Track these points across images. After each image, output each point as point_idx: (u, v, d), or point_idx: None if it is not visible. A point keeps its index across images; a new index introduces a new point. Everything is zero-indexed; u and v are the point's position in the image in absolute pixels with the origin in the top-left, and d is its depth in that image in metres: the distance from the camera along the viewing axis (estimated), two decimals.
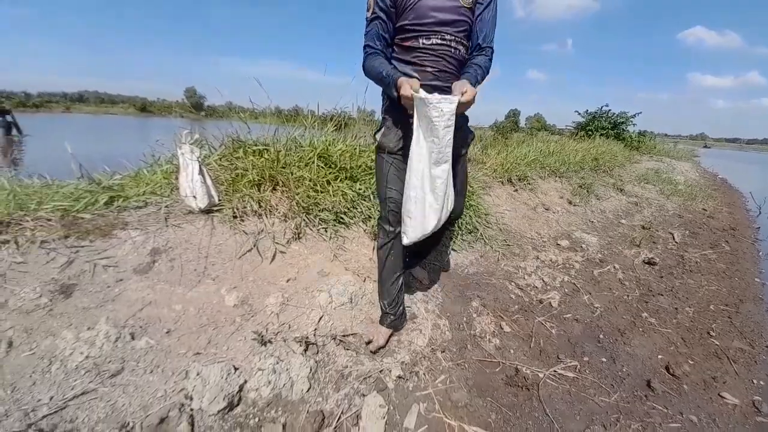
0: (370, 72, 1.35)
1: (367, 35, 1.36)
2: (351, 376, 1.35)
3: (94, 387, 1.12)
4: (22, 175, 2.20)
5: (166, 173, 2.37)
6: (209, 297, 1.55)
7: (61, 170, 2.30)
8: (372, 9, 1.32)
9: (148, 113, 62.83)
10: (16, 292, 1.36)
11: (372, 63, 1.33)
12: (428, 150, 1.23)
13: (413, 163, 1.27)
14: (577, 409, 1.48)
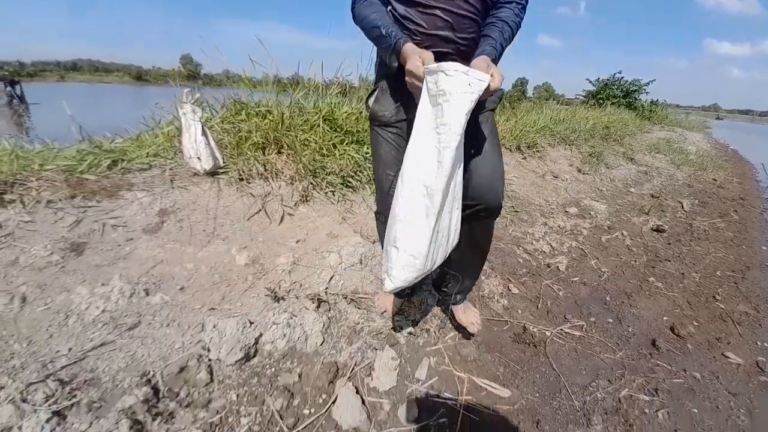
0: (362, 22, 1.01)
1: None
2: (363, 331, 1.38)
3: (112, 339, 1.14)
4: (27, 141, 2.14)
5: (168, 136, 2.30)
6: (220, 256, 1.55)
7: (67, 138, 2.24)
8: None
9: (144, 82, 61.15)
10: (26, 249, 1.36)
11: (364, 11, 0.99)
12: (437, 146, 0.84)
13: (409, 167, 0.88)
14: (583, 364, 1.51)
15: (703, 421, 1.35)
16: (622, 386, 1.43)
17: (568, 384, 1.39)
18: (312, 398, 1.13)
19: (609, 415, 1.30)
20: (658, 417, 1.33)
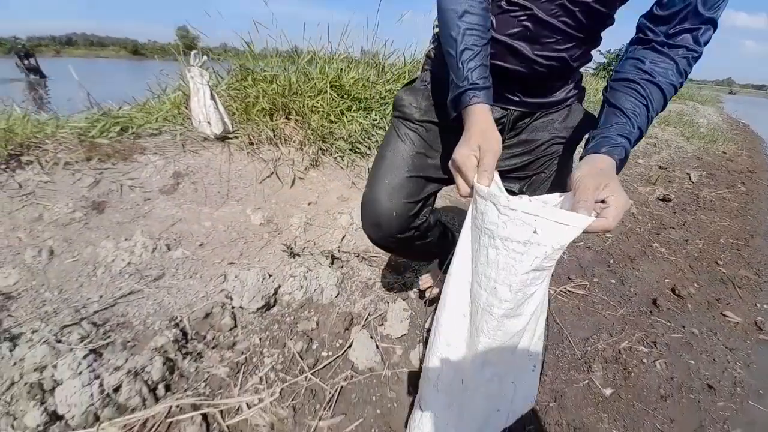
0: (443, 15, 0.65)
1: None
2: (375, 286, 1.43)
3: (139, 288, 1.20)
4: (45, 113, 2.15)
5: (175, 103, 2.30)
6: (236, 216, 1.60)
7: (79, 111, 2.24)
8: None
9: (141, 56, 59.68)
10: (49, 207, 1.41)
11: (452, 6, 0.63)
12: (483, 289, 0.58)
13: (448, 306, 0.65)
14: (585, 320, 1.58)
15: (699, 371, 1.42)
16: (622, 339, 1.50)
17: (570, 336, 1.46)
18: (329, 343, 1.20)
19: (609, 363, 1.38)
20: (656, 366, 1.40)
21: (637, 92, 0.59)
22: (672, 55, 0.59)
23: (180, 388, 1.00)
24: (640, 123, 0.59)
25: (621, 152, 0.58)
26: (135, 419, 0.91)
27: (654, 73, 0.59)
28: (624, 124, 0.59)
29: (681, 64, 0.59)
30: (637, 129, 0.59)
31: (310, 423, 0.99)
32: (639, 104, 0.59)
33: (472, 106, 0.63)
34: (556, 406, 1.18)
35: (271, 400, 1.01)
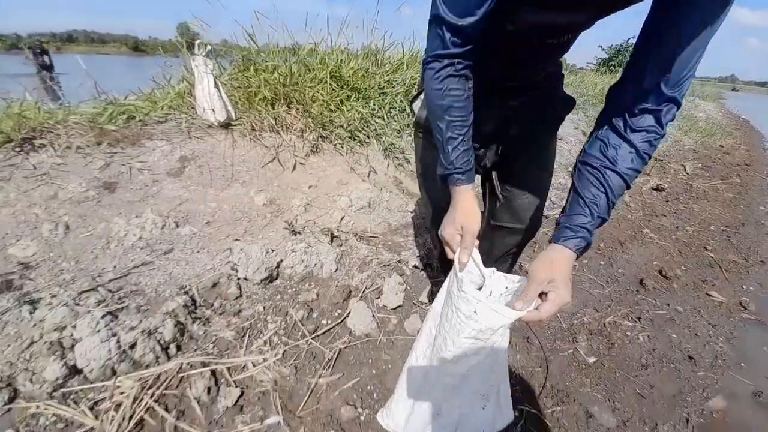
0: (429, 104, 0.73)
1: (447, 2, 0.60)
2: (372, 263, 1.51)
3: (150, 260, 1.28)
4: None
5: (179, 93, 2.37)
6: (240, 197, 1.67)
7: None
8: None
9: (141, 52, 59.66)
10: (63, 186, 1.48)
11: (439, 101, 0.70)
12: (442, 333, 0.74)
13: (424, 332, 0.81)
14: (574, 297, 1.65)
15: (681, 344, 1.49)
16: (607, 314, 1.57)
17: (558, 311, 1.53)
18: (329, 312, 1.28)
19: (593, 335, 1.45)
20: (639, 338, 1.48)
21: (599, 180, 0.63)
22: (633, 141, 0.61)
23: (190, 348, 1.08)
24: (600, 212, 0.64)
25: (579, 243, 0.64)
26: (149, 374, 0.99)
27: (615, 160, 0.62)
28: (585, 215, 0.64)
29: (642, 149, 0.61)
30: (597, 218, 0.64)
31: (310, 380, 1.07)
32: (599, 193, 0.63)
33: (457, 187, 0.74)
34: (542, 371, 1.26)
35: (275, 360, 1.09)
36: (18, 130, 1.64)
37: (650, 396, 1.24)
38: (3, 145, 1.60)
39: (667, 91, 0.57)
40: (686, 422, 1.17)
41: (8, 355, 0.99)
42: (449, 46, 0.62)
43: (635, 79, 0.60)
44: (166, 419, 0.92)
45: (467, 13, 0.58)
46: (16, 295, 1.11)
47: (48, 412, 0.91)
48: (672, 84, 0.56)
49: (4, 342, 1.02)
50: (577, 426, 1.10)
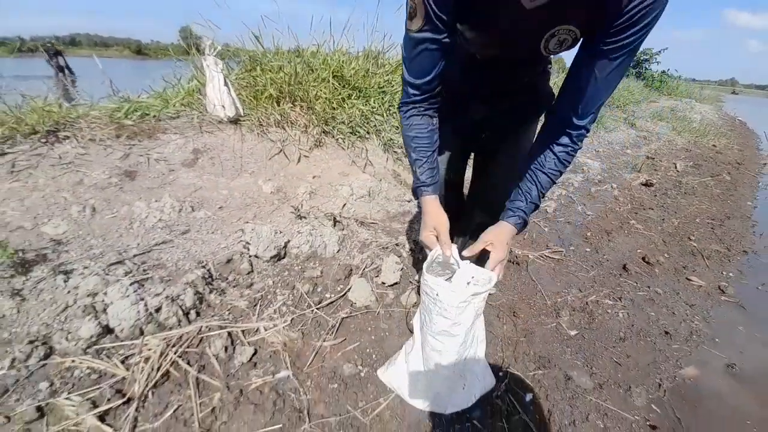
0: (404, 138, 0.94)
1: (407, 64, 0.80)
2: (372, 245, 1.63)
3: (170, 239, 1.41)
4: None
5: (190, 91, 2.50)
6: (249, 186, 1.80)
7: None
8: (422, 14, 0.69)
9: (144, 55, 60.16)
10: (88, 174, 1.61)
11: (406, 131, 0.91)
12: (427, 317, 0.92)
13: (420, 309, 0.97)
14: (559, 279, 1.77)
15: (659, 320, 1.61)
16: (590, 294, 1.69)
17: (544, 290, 1.65)
18: (332, 287, 1.40)
19: (576, 311, 1.57)
20: (618, 315, 1.59)
21: (532, 177, 0.87)
22: (556, 152, 0.83)
23: (208, 314, 1.20)
24: (532, 199, 0.88)
25: (516, 220, 0.88)
26: (173, 334, 1.11)
27: (543, 164, 0.85)
28: (521, 201, 0.88)
29: (561, 157, 0.84)
30: (530, 203, 0.88)
31: (315, 343, 1.19)
32: (532, 186, 0.87)
33: (425, 197, 0.93)
34: (526, 341, 1.37)
35: (284, 325, 1.21)
36: (43, 123, 1.77)
37: (626, 364, 1.35)
38: (29, 136, 1.73)
39: (577, 121, 0.78)
40: (658, 387, 1.28)
41: (44, 318, 1.12)
42: (411, 97, 0.84)
43: (559, 110, 0.81)
44: (189, 372, 1.04)
45: (422, 76, 0.79)
46: (51, 266, 1.24)
47: (83, 365, 1.03)
48: (580, 116, 0.77)
49: (40, 306, 1.14)
50: (557, 387, 1.21)
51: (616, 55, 0.66)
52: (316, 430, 0.96)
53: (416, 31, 0.72)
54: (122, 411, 0.94)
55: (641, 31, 0.63)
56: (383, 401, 1.05)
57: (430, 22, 0.69)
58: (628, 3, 0.60)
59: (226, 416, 0.96)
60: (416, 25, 0.71)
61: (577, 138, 0.81)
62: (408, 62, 0.79)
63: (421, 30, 0.71)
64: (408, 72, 0.81)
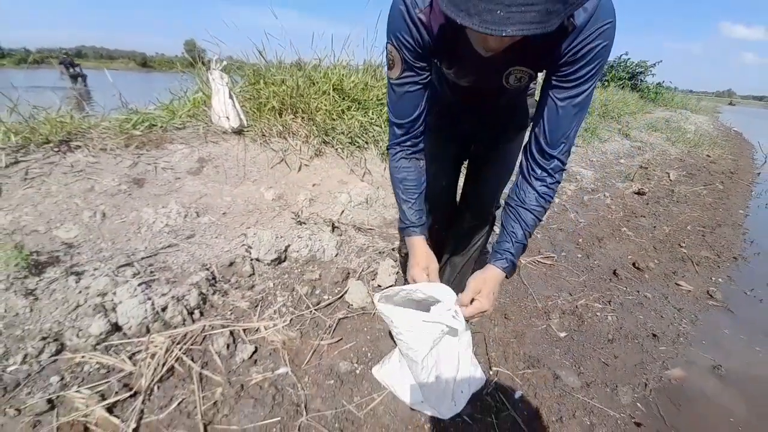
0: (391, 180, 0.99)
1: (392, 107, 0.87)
2: (369, 250, 1.70)
3: (176, 243, 1.48)
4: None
5: (196, 103, 2.61)
6: (251, 193, 1.88)
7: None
8: (400, 65, 0.78)
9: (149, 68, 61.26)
10: (98, 181, 1.69)
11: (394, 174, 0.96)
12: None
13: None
14: (550, 283, 1.83)
15: (647, 323, 1.66)
16: (580, 298, 1.74)
17: (534, 293, 1.71)
18: (330, 289, 1.46)
19: (566, 314, 1.62)
20: (607, 318, 1.64)
21: (515, 216, 0.88)
22: (535, 186, 0.85)
23: (211, 314, 1.26)
24: (518, 239, 0.87)
25: (504, 263, 0.87)
26: (177, 332, 1.17)
27: (524, 200, 0.86)
28: (507, 242, 0.87)
29: (541, 191, 0.85)
30: (517, 244, 0.87)
31: (313, 342, 1.24)
32: (516, 226, 0.87)
33: (413, 237, 0.96)
34: (516, 342, 1.42)
35: (283, 325, 1.26)
36: (55, 133, 1.86)
37: (614, 364, 1.40)
38: (42, 145, 1.82)
39: (548, 150, 0.80)
40: (645, 386, 1.33)
41: (56, 316, 1.18)
42: (398, 138, 0.89)
43: (532, 144, 0.84)
44: (193, 367, 1.09)
45: (406, 116, 0.85)
46: (63, 267, 1.30)
47: (92, 361, 1.09)
48: (553, 147, 0.80)
49: (52, 305, 1.20)
50: (545, 385, 1.26)
51: (572, 86, 0.73)
52: (313, 422, 1.01)
53: (396, 78, 0.80)
54: (129, 403, 0.99)
55: (590, 64, 0.69)
56: (377, 397, 1.10)
57: (408, 68, 0.78)
58: (570, 43, 0.66)
59: (228, 409, 1.02)
60: (396, 74, 0.79)
61: (552, 170, 0.83)
62: (392, 105, 0.86)
63: (401, 77, 0.79)
64: (393, 114, 0.87)
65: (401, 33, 0.74)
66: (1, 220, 1.45)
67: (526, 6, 0.48)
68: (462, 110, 1.11)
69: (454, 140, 1.21)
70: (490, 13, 0.49)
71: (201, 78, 2.64)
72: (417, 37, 0.73)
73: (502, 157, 1.20)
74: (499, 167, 1.22)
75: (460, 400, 1.08)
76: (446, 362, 1.02)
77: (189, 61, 2.86)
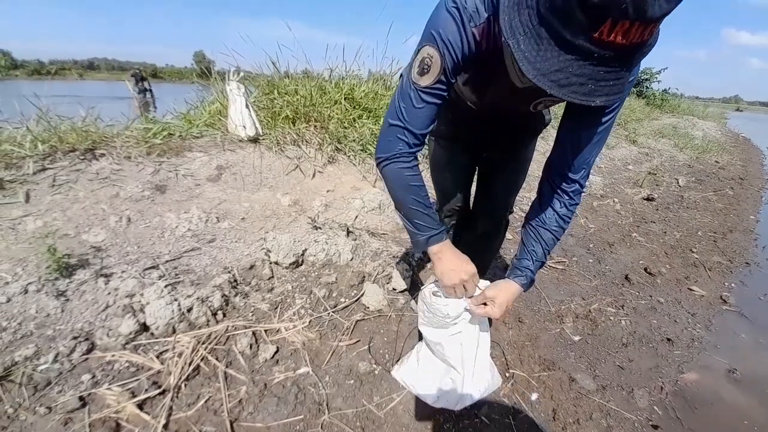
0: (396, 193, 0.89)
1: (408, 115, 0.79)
2: (383, 254, 1.73)
3: (198, 247, 1.53)
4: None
5: (213, 113, 2.69)
6: (268, 199, 1.93)
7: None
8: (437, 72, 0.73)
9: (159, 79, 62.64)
10: (123, 187, 1.76)
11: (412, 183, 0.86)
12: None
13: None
14: (562, 288, 1.84)
15: (660, 327, 1.66)
16: (593, 302, 1.75)
17: (547, 298, 1.72)
18: (346, 292, 1.50)
19: (579, 318, 1.63)
20: (621, 323, 1.65)
21: (535, 235, 0.90)
22: (555, 208, 0.87)
23: (233, 315, 1.30)
24: (538, 258, 0.91)
25: (523, 280, 0.91)
26: (202, 332, 1.21)
27: (545, 221, 0.89)
28: (528, 260, 0.91)
29: (561, 213, 0.87)
30: (537, 262, 0.91)
31: (332, 343, 1.27)
32: (536, 245, 0.90)
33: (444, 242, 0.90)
34: (531, 345, 1.44)
35: (303, 326, 1.30)
36: (81, 141, 1.94)
37: (629, 368, 1.41)
38: (68, 153, 1.90)
39: (571, 175, 0.84)
40: (660, 389, 1.34)
41: (87, 316, 1.23)
42: (412, 147, 0.84)
43: (554, 168, 0.86)
44: (218, 366, 1.13)
45: (425, 126, 0.82)
46: (92, 270, 1.35)
47: (122, 359, 1.13)
48: (574, 172, 0.83)
49: (83, 306, 1.25)
50: (561, 388, 1.27)
51: (598, 116, 0.76)
52: (335, 421, 1.03)
53: (427, 87, 0.75)
54: (158, 401, 1.03)
55: (618, 106, 0.74)
56: (396, 397, 1.13)
57: (444, 79, 0.74)
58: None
59: (252, 407, 1.05)
60: (428, 81, 0.74)
61: (573, 194, 0.86)
62: (409, 114, 0.79)
63: (433, 86, 0.75)
64: (409, 123, 0.80)
65: (450, 41, 0.70)
66: (32, 224, 1.52)
67: (614, 81, 0.52)
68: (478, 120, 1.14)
69: (469, 148, 1.25)
70: (581, 86, 0.52)
71: (217, 89, 2.73)
72: (466, 50, 0.70)
73: (516, 162, 1.23)
74: (512, 172, 1.26)
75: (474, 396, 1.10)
76: (466, 363, 1.05)
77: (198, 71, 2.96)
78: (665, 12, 0.46)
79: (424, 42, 0.72)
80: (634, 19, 0.44)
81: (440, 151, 1.26)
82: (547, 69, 0.52)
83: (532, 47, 0.53)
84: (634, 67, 0.57)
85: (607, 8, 0.44)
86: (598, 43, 0.48)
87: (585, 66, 0.51)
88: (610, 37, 0.47)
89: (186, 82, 3.35)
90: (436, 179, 1.34)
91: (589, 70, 0.51)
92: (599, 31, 0.46)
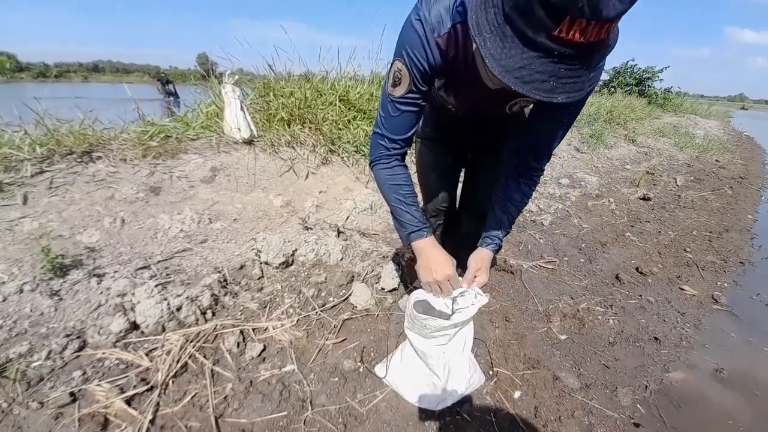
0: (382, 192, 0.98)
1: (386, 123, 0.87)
2: (373, 254, 1.75)
3: (190, 247, 1.56)
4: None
5: (209, 115, 2.73)
6: (261, 200, 1.96)
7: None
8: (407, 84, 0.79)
9: None
10: (118, 189, 1.79)
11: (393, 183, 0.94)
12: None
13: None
14: (552, 287, 1.85)
15: (648, 327, 1.67)
16: (581, 301, 1.76)
17: (536, 297, 1.74)
18: (335, 291, 1.52)
19: (567, 317, 1.64)
20: (609, 322, 1.66)
21: (502, 208, 1.02)
22: (521, 187, 0.99)
23: (222, 314, 1.33)
24: (505, 227, 1.03)
25: (493, 247, 1.03)
26: (191, 331, 1.24)
27: (512, 197, 1.00)
28: (496, 229, 1.02)
29: (525, 191, 0.99)
30: (503, 230, 1.03)
31: (319, 342, 1.30)
32: (504, 216, 1.01)
33: (426, 239, 0.96)
34: (517, 343, 1.45)
35: (290, 325, 1.32)
36: (78, 144, 1.98)
37: (614, 366, 1.42)
38: (65, 156, 1.94)
39: (536, 161, 0.95)
40: (645, 388, 1.34)
41: (79, 315, 1.26)
42: (391, 150, 0.91)
43: (521, 154, 0.96)
44: (205, 364, 1.15)
45: (404, 132, 0.88)
46: (85, 270, 1.39)
47: (112, 357, 1.16)
48: (539, 159, 0.95)
49: (75, 305, 1.29)
50: (545, 385, 1.28)
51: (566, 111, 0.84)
52: (318, 417, 1.06)
53: (400, 97, 0.81)
54: (146, 397, 1.06)
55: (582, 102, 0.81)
56: (380, 394, 1.15)
57: (415, 89, 0.79)
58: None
59: (237, 404, 1.07)
60: (400, 92, 0.80)
61: (535, 175, 0.99)
62: (388, 122, 0.86)
63: (405, 96, 0.81)
64: (388, 130, 0.87)
65: (416, 54, 0.74)
66: (28, 225, 1.56)
67: (574, 78, 0.55)
68: (461, 123, 1.17)
69: (453, 149, 1.28)
70: (543, 83, 0.55)
71: (214, 91, 2.77)
72: (431, 61, 0.75)
73: (497, 163, 1.25)
74: (493, 173, 1.28)
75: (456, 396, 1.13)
76: (450, 362, 1.09)
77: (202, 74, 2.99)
78: (620, 12, 0.48)
79: (395, 56, 0.78)
80: (590, 18, 0.47)
81: (426, 152, 1.31)
82: (511, 66, 0.55)
83: (497, 45, 0.56)
84: (596, 67, 0.59)
85: (564, 7, 0.47)
86: (557, 40, 0.50)
87: (547, 63, 0.53)
88: (569, 36, 0.49)
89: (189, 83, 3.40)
90: (422, 180, 1.38)
91: (551, 67, 0.53)
92: (558, 29, 0.49)
